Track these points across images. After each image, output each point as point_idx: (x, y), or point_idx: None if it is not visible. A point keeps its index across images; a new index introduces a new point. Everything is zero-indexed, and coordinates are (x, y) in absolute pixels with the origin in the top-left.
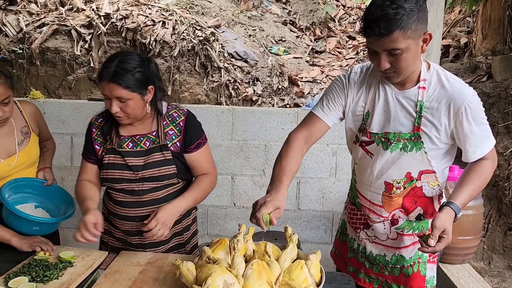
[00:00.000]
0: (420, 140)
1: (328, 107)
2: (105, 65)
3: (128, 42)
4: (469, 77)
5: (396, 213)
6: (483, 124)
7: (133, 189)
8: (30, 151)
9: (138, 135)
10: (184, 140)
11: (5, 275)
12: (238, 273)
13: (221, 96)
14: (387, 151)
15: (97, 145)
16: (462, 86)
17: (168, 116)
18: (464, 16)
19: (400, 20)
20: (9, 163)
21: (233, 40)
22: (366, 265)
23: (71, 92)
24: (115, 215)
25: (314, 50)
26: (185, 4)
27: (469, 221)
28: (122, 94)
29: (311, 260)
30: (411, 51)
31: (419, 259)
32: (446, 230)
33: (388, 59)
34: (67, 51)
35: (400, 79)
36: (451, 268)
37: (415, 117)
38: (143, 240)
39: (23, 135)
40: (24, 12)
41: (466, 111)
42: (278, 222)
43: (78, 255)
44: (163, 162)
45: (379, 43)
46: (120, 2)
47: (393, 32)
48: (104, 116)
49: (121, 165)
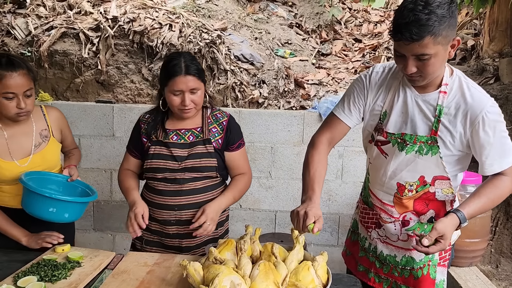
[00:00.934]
0: (436, 144)
1: (349, 108)
2: (171, 63)
3: (135, 45)
4: (476, 80)
5: (408, 215)
6: (503, 137)
7: (175, 177)
8: (47, 154)
9: (183, 129)
10: (226, 138)
11: (14, 274)
12: (245, 274)
13: (227, 98)
14: (402, 152)
15: (144, 138)
16: (482, 96)
17: (213, 116)
18: (471, 19)
19: (432, 26)
20: (21, 164)
21: (239, 43)
22: (377, 265)
23: (78, 94)
24: (154, 204)
25: (320, 52)
26: (191, 7)
27: (476, 223)
28: (196, 84)
29: (317, 261)
30: (439, 56)
31: (429, 262)
32: (445, 235)
33: (416, 63)
34: (75, 53)
35: (424, 83)
36: (459, 271)
37: (433, 121)
38: (180, 230)
39: (42, 138)
40: (33, 15)
41: (484, 121)
42: (284, 224)
43: (86, 255)
44: (205, 155)
45: (408, 48)
46: (128, 5)
47: (424, 38)
48: (151, 113)
49: (166, 156)
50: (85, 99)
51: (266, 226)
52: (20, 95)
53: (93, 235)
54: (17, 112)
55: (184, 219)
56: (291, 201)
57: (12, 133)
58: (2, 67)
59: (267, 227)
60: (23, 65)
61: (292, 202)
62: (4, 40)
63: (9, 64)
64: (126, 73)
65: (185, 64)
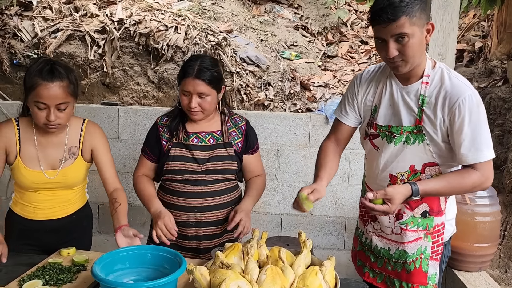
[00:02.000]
0: (422, 133)
1: (346, 109)
2: (188, 64)
3: (141, 47)
4: (484, 82)
5: (402, 208)
6: (479, 128)
7: (196, 179)
8: (69, 173)
9: (204, 132)
10: (246, 142)
11: (19, 278)
12: (252, 279)
13: (233, 100)
14: (391, 144)
15: (164, 141)
16: (463, 84)
17: (232, 120)
18: (478, 20)
19: (405, 7)
20: (48, 175)
21: (245, 45)
22: (371, 259)
23: (84, 96)
24: (173, 206)
25: (326, 54)
26: (197, 9)
27: (486, 228)
28: (204, 90)
29: (325, 266)
30: (417, 38)
31: (421, 255)
32: (393, 199)
33: (396, 46)
34: (81, 56)
35: (407, 69)
36: (468, 276)
37: (417, 111)
38: (199, 232)
39: (69, 154)
40: (39, 18)
41: (460, 108)
42: (290, 227)
43: (91, 259)
44: (226, 157)
45: (387, 30)
46: (133, 8)
47: (400, 18)
48: (169, 115)
49: (187, 158)
50: (91, 101)
51: (272, 229)
52: (52, 107)
53: (98, 238)
54: (46, 123)
55: (203, 221)
56: None
57: (43, 141)
58: (41, 75)
59: (273, 230)
60: (65, 76)
61: None
62: (11, 43)
63: (49, 73)
64: (131, 75)
65: (199, 68)
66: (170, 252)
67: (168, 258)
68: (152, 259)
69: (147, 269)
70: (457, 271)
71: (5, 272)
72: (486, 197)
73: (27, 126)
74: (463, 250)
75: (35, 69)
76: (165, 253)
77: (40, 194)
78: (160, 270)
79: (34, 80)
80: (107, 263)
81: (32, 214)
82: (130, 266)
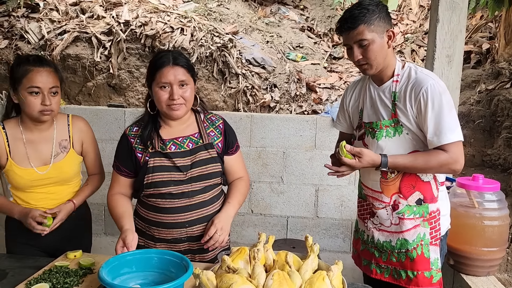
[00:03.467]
0: (399, 124)
1: (340, 119)
2: (159, 56)
3: (147, 49)
4: (491, 84)
5: (396, 199)
6: (444, 114)
7: (182, 191)
8: (63, 166)
9: (181, 137)
10: (225, 142)
11: (26, 281)
12: (259, 284)
13: (238, 102)
14: (375, 139)
15: (138, 153)
16: (426, 76)
17: (207, 119)
18: (486, 22)
19: (364, 17)
20: (40, 171)
21: (250, 47)
22: (376, 255)
23: (90, 98)
24: (161, 224)
25: (332, 56)
26: (203, 11)
27: (494, 232)
28: (184, 78)
29: (333, 271)
30: (377, 43)
31: (421, 242)
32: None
33: (360, 50)
34: (87, 57)
35: (373, 70)
36: (476, 281)
37: (391, 106)
38: (192, 246)
39: (61, 148)
40: (46, 20)
41: (423, 96)
42: (296, 229)
43: (98, 262)
44: (210, 160)
45: (349, 37)
46: (140, 9)
47: (359, 26)
48: (138, 124)
49: (169, 167)
50: (97, 102)
51: (278, 231)
52: (45, 91)
53: (104, 240)
54: (41, 109)
55: (196, 235)
56: (303, 206)
57: (32, 139)
58: (29, 62)
59: (279, 232)
60: (51, 64)
61: (304, 207)
62: (18, 44)
63: (36, 60)
64: (137, 76)
65: (173, 56)
66: (177, 256)
67: (175, 262)
68: (159, 263)
69: (153, 273)
70: (465, 276)
71: (12, 275)
72: (495, 201)
73: (13, 127)
74: (471, 255)
75: (22, 60)
76: (171, 257)
77: (36, 193)
78: (166, 274)
79: (25, 68)
80: (114, 267)
81: None
82: (137, 270)
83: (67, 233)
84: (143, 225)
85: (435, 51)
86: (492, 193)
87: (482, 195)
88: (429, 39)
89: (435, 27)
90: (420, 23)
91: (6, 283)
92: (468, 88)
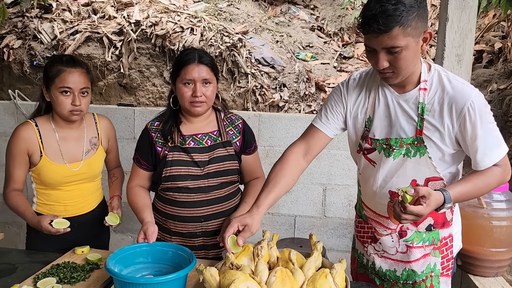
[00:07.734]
0: (423, 144)
1: (327, 117)
2: (185, 53)
3: (157, 49)
4: (503, 83)
5: (405, 225)
6: (491, 129)
7: (199, 186)
8: (93, 163)
9: (200, 134)
10: (244, 141)
11: (34, 275)
12: (261, 280)
13: (247, 101)
14: (390, 158)
15: (158, 147)
16: (465, 86)
17: (227, 119)
18: (498, 21)
19: (399, 16)
20: (72, 168)
21: (260, 46)
22: (377, 282)
23: (101, 97)
24: (177, 217)
25: (342, 56)
26: (213, 11)
27: (502, 232)
28: (208, 76)
29: (336, 269)
30: (411, 49)
31: (431, 273)
32: (431, 198)
33: (387, 57)
34: (99, 57)
35: (398, 80)
36: (484, 281)
37: (417, 121)
38: (206, 241)
39: (91, 145)
40: (58, 20)
41: (469, 112)
42: (304, 229)
43: (104, 258)
44: (227, 157)
45: (377, 41)
46: (150, 10)
47: (393, 29)
48: (160, 119)
49: (187, 162)
50: (108, 102)
51: (285, 230)
52: (76, 91)
53: (114, 237)
54: (71, 109)
55: (210, 230)
56: (310, 205)
57: (64, 136)
58: (62, 63)
59: (286, 231)
60: (83, 65)
61: (312, 206)
62: (31, 44)
63: (69, 61)
64: (148, 76)
65: (199, 54)
66: (187, 251)
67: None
68: (173, 257)
69: (167, 266)
70: (472, 276)
71: (21, 269)
72: (503, 201)
73: (45, 124)
74: (479, 255)
75: (56, 60)
76: (183, 252)
77: (66, 191)
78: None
79: (58, 68)
80: (126, 256)
81: (63, 212)
82: (152, 261)
83: (90, 229)
84: (160, 219)
85: (445, 50)
86: (501, 193)
87: (490, 195)
88: (439, 38)
89: (445, 26)
90: (432, 22)
91: (15, 277)
92: (480, 87)
